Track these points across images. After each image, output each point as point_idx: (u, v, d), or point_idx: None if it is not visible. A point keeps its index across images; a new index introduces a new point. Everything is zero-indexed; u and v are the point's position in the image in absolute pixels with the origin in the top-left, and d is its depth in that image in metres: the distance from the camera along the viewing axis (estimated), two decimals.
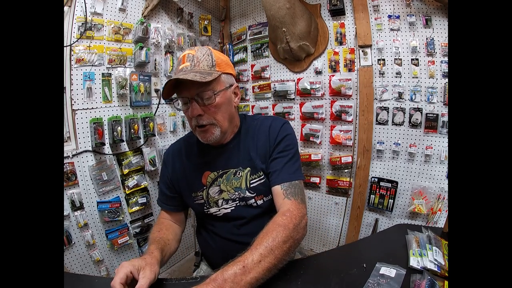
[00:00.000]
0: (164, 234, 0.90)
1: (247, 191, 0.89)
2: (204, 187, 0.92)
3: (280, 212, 0.76)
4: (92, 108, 1.54)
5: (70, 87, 1.45)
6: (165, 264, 0.88)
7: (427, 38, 1.73)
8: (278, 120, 0.94)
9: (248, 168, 0.89)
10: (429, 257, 0.73)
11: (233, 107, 0.89)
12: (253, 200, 0.90)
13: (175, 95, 0.85)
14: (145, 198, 1.77)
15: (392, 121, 1.86)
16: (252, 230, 0.88)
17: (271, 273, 0.63)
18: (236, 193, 0.90)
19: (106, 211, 1.59)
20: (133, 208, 1.72)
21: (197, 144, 0.96)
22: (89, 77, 1.51)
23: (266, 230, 0.70)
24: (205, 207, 0.93)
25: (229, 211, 0.91)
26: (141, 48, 1.69)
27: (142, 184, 1.75)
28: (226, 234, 0.93)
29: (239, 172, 0.89)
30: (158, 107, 1.88)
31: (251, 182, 0.89)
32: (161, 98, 1.91)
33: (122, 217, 1.66)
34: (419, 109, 1.78)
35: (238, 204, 0.91)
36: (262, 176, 0.89)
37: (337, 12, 1.94)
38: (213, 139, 0.84)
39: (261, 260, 0.62)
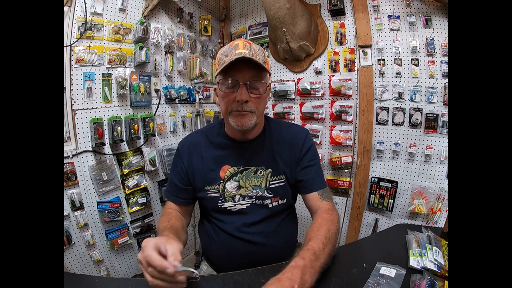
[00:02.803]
0: (174, 223, 0.88)
1: (266, 191, 0.91)
2: (221, 181, 0.92)
3: (323, 209, 0.85)
4: (92, 108, 1.54)
5: (70, 87, 1.45)
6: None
7: (427, 38, 1.73)
8: (301, 129, 1.01)
9: (270, 169, 0.91)
10: (429, 257, 0.73)
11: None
12: (269, 201, 0.92)
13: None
14: (145, 198, 1.77)
15: (392, 121, 1.87)
16: (261, 229, 0.92)
17: (329, 260, 0.69)
18: (254, 191, 0.91)
19: (106, 211, 1.59)
20: (133, 208, 1.72)
21: (219, 136, 0.96)
22: (89, 77, 1.51)
23: (318, 224, 0.77)
24: (219, 201, 0.92)
25: (245, 207, 0.92)
26: (141, 48, 1.69)
27: (142, 184, 1.75)
28: (233, 231, 0.92)
29: (261, 171, 0.91)
30: (158, 107, 1.88)
31: (271, 183, 0.91)
32: (161, 98, 1.91)
33: (122, 217, 1.66)
34: (419, 109, 1.78)
35: (254, 202, 0.92)
36: (283, 179, 0.92)
37: (337, 12, 1.94)
38: (248, 126, 0.84)
39: (324, 247, 0.68)
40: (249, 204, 0.91)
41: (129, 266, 1.76)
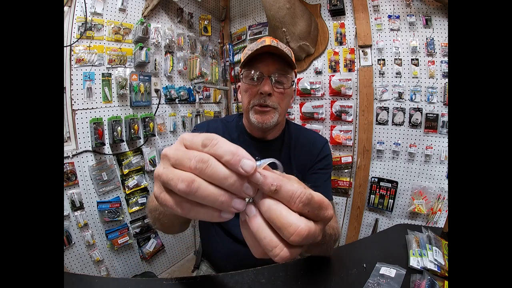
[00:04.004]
0: None
1: None
2: None
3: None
4: (92, 108, 1.54)
5: (70, 87, 1.45)
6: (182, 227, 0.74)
7: (427, 38, 1.73)
8: (320, 136, 0.99)
9: (284, 173, 0.88)
10: (429, 257, 0.73)
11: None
12: None
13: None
14: (145, 198, 1.77)
15: (392, 121, 1.87)
16: None
17: (321, 251, 0.66)
18: None
19: (106, 211, 1.59)
20: (133, 208, 1.72)
21: (237, 130, 0.92)
22: (89, 77, 1.51)
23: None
24: None
25: None
26: (141, 48, 1.69)
27: (142, 184, 1.75)
28: (239, 234, 0.85)
29: None
30: (158, 107, 1.89)
31: None
32: (161, 98, 1.91)
33: (122, 217, 1.66)
34: (419, 109, 1.78)
35: None
36: None
37: (337, 12, 1.94)
38: (270, 124, 0.80)
39: (330, 235, 0.63)
40: None
41: (129, 266, 1.76)
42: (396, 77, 1.83)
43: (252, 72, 0.79)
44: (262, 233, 0.28)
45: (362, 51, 1.90)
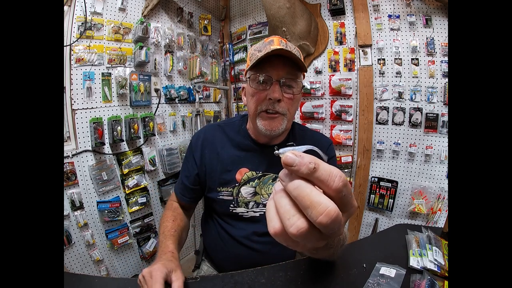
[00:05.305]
0: (179, 225, 0.84)
1: None
2: (237, 184, 0.85)
3: None
4: (92, 108, 1.54)
5: (70, 87, 1.45)
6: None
7: (427, 38, 1.73)
8: (325, 138, 0.96)
9: None
10: (429, 257, 0.73)
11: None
12: None
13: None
14: (145, 198, 1.77)
15: (392, 121, 1.87)
16: (271, 240, 0.86)
17: (330, 254, 0.61)
18: None
19: (106, 211, 1.59)
20: (133, 208, 1.72)
21: (240, 135, 0.89)
22: (89, 77, 1.51)
23: None
24: (231, 205, 0.86)
25: (257, 215, 0.86)
26: (141, 47, 1.69)
27: (142, 183, 1.75)
28: (242, 238, 0.87)
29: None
30: (158, 106, 1.88)
31: None
32: (161, 98, 1.91)
33: (122, 217, 1.66)
34: (419, 109, 1.78)
35: None
36: None
37: (337, 11, 1.94)
38: (278, 131, 0.78)
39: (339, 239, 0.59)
40: (262, 213, 0.85)
41: (129, 266, 1.77)
42: (396, 76, 1.83)
43: (261, 76, 0.75)
44: (282, 201, 0.28)
45: (362, 51, 1.90)
